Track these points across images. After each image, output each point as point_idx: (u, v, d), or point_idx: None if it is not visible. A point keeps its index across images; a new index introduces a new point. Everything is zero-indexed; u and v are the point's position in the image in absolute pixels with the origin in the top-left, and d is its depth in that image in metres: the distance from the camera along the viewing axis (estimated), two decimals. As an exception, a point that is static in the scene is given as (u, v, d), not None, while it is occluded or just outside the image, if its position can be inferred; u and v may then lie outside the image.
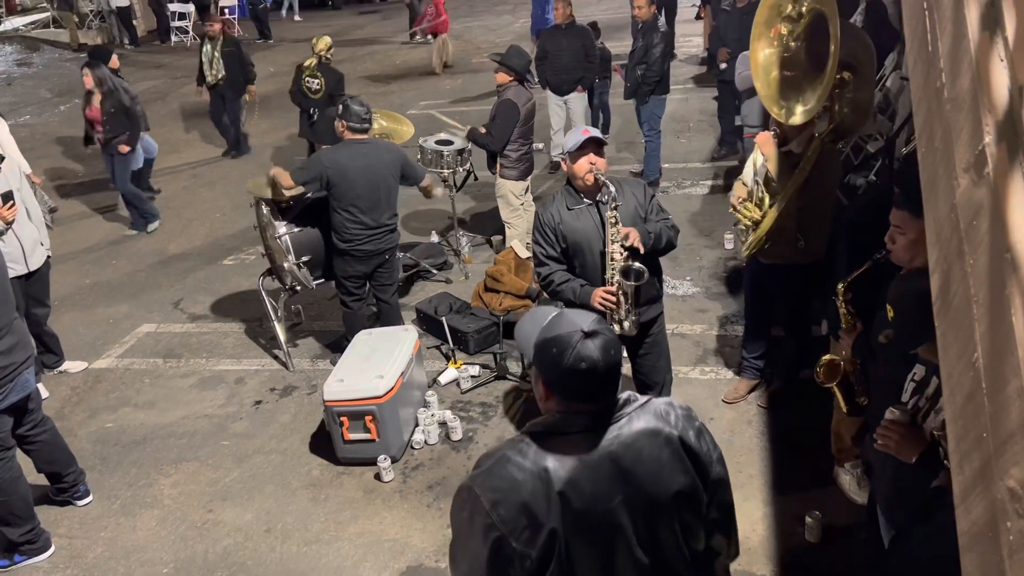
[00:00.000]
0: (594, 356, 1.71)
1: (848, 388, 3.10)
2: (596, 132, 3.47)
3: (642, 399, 1.86)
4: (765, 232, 3.87)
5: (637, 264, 3.38)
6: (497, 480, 1.72)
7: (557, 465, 1.72)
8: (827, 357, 3.08)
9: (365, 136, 4.76)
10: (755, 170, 3.95)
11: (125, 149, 7.29)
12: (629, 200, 3.56)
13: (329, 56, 7.82)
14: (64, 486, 4.15)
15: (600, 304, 3.44)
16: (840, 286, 2.91)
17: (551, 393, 1.78)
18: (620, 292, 3.43)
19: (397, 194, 4.89)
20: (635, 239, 3.38)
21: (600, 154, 3.44)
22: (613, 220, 3.40)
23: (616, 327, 3.48)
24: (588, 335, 1.72)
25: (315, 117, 7.77)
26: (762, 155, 3.89)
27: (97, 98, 7.19)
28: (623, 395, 1.84)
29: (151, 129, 8.23)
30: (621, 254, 3.41)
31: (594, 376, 1.72)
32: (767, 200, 3.87)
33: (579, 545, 1.72)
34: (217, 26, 9.31)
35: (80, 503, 4.21)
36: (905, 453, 2.23)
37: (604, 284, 3.49)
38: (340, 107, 4.70)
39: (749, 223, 3.94)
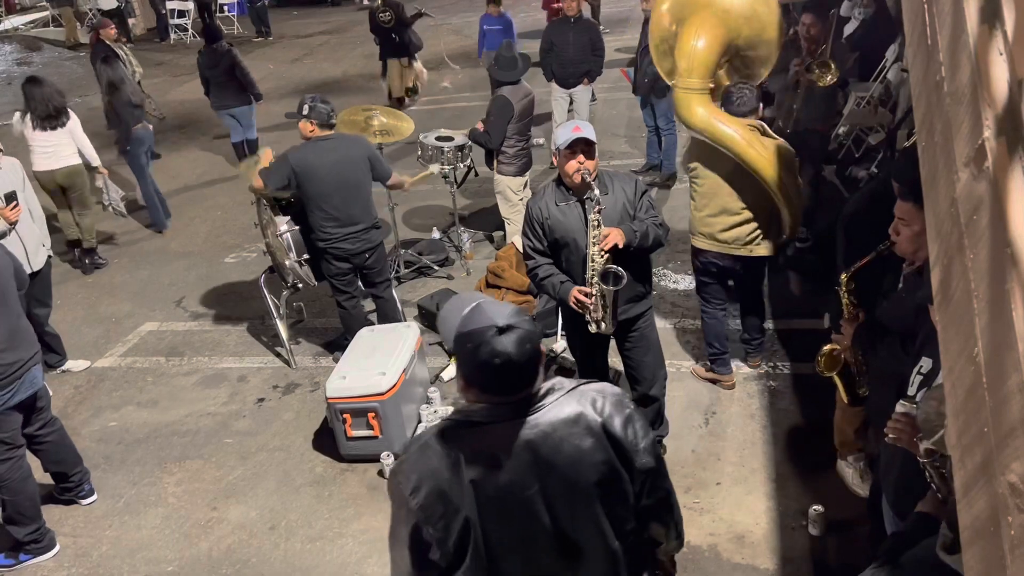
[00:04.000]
0: (508, 351, 1.69)
1: (849, 378, 3.10)
2: (587, 131, 3.37)
3: (569, 385, 1.86)
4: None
5: (616, 268, 3.39)
6: (418, 466, 1.76)
7: (472, 453, 1.74)
8: (828, 347, 3.08)
9: (331, 132, 4.72)
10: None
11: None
12: (618, 196, 3.54)
13: None
14: (69, 485, 4.16)
15: (574, 304, 3.48)
16: (843, 276, 2.91)
17: (469, 385, 1.79)
18: (598, 294, 3.45)
19: (371, 188, 4.84)
20: (617, 239, 3.37)
21: (590, 154, 3.39)
22: (596, 223, 3.39)
23: (593, 326, 3.55)
24: (501, 331, 1.70)
25: (398, 40, 9.99)
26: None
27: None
28: (547, 384, 1.84)
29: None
30: (602, 256, 3.41)
31: (508, 371, 1.71)
32: None
33: (496, 532, 1.75)
34: (112, 31, 8.86)
35: (85, 502, 4.23)
36: (916, 446, 2.23)
37: (585, 283, 3.50)
38: (307, 108, 4.63)
39: None
